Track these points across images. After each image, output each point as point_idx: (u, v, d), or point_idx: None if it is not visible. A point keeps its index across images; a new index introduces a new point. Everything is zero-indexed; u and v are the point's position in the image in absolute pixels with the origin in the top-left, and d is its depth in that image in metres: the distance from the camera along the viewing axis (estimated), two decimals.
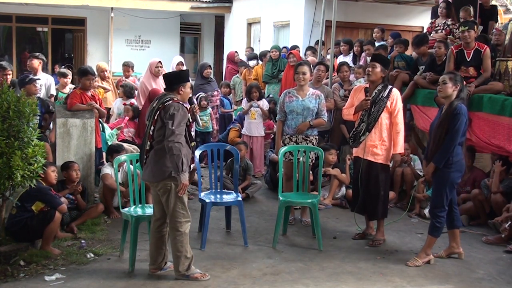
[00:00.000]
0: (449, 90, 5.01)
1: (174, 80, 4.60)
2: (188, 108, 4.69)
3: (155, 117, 4.45)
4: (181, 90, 4.56)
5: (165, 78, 4.70)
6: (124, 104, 8.33)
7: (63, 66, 9.81)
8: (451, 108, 4.95)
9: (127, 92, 8.54)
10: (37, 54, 8.14)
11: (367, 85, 5.69)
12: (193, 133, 4.78)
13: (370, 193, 5.59)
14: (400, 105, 5.57)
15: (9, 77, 7.32)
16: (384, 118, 5.52)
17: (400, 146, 5.54)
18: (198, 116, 5.02)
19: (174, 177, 4.42)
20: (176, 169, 4.37)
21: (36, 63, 7.91)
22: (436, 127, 5.06)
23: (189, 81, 4.69)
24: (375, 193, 5.58)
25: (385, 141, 5.54)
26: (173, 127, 4.33)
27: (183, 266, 4.57)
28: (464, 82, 5.15)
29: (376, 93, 5.53)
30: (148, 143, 4.52)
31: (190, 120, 4.64)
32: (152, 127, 4.48)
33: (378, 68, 5.53)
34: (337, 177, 7.13)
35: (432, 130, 5.17)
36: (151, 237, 4.72)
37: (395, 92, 5.60)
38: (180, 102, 4.48)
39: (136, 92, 8.57)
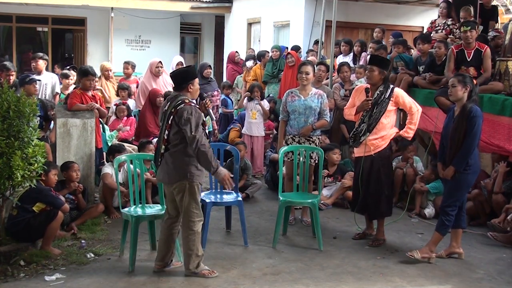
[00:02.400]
0: (459, 93, 5.00)
1: (182, 78, 4.62)
2: (200, 104, 4.72)
3: (169, 122, 4.48)
4: (190, 88, 4.58)
5: (172, 77, 4.74)
6: (116, 105, 8.31)
7: (68, 67, 9.79)
8: (466, 111, 4.93)
9: (130, 92, 8.56)
10: (41, 54, 8.19)
11: (368, 86, 5.69)
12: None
13: (370, 192, 5.58)
14: (409, 99, 5.62)
15: (12, 78, 7.36)
16: (384, 120, 5.51)
17: (410, 127, 5.57)
18: (210, 110, 5.07)
19: (190, 178, 4.48)
20: (210, 169, 4.47)
21: (42, 64, 8.03)
22: (452, 130, 5.03)
23: (196, 77, 4.72)
24: (376, 192, 5.57)
25: (384, 138, 5.53)
26: (193, 133, 4.37)
27: (193, 264, 4.63)
28: (475, 81, 5.14)
29: (378, 94, 5.51)
30: (163, 146, 4.55)
31: (204, 118, 4.65)
32: (166, 131, 4.51)
33: (376, 71, 5.51)
34: (346, 185, 7.10)
35: (446, 133, 5.15)
36: (162, 234, 4.75)
37: (398, 91, 5.60)
38: (192, 104, 4.50)
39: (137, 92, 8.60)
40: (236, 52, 12.48)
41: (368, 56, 8.60)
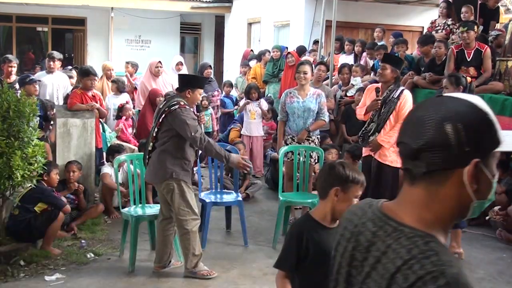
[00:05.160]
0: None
1: (185, 82, 4.67)
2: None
3: (160, 120, 4.48)
4: (188, 93, 4.58)
5: (179, 78, 4.85)
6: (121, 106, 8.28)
7: (70, 68, 9.82)
8: None
9: (120, 87, 8.53)
10: (58, 55, 8.14)
11: (379, 85, 5.55)
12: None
13: (379, 193, 5.51)
14: (408, 108, 5.31)
15: (14, 69, 7.42)
16: (393, 119, 5.39)
17: (384, 138, 5.30)
18: (202, 125, 5.11)
19: (176, 178, 4.47)
20: (223, 159, 4.57)
21: (58, 64, 8.07)
22: None
23: (200, 88, 4.70)
24: (383, 193, 5.52)
25: (394, 145, 5.47)
26: (192, 134, 4.39)
27: (191, 263, 4.63)
28: (469, 79, 5.11)
29: (387, 93, 5.39)
30: (151, 144, 4.55)
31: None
32: (156, 129, 4.51)
33: (389, 69, 5.37)
34: None
35: None
36: (158, 235, 4.76)
37: (406, 93, 5.40)
38: (187, 106, 4.51)
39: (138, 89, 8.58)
40: (251, 50, 12.35)
41: (369, 59, 8.63)
